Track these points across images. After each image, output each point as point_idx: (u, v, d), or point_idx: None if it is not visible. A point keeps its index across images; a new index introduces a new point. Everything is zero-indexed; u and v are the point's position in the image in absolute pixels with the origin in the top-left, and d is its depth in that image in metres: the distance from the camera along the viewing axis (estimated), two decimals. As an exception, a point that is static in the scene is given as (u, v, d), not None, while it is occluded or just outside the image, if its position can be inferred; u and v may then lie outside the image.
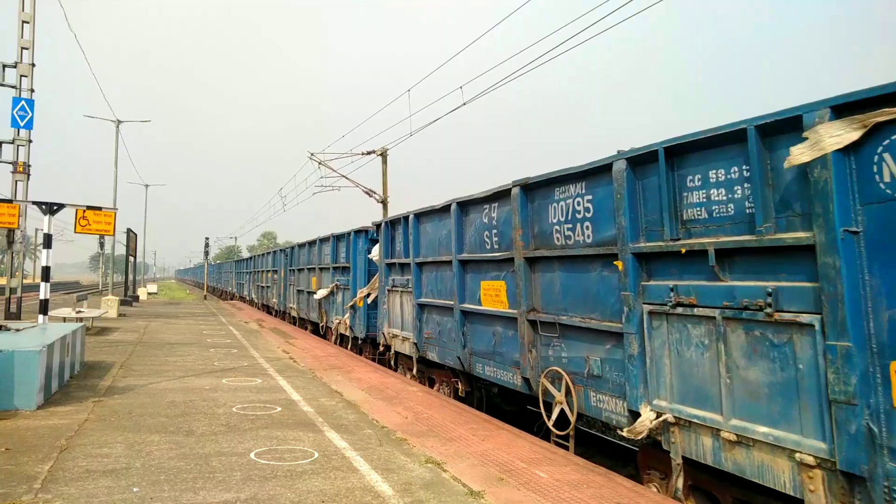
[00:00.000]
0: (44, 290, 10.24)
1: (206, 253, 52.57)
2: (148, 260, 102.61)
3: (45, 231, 10.43)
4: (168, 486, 4.99)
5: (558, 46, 9.92)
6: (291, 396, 9.03)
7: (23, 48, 16.67)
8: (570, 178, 6.74)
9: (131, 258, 38.19)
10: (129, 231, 36.73)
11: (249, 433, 6.81)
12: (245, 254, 78.71)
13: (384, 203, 22.13)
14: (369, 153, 22.32)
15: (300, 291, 21.76)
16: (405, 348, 11.50)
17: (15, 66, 16.63)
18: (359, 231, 14.98)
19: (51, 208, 10.34)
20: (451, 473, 5.60)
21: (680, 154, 5.28)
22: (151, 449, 6.05)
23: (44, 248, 10.58)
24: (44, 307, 10.34)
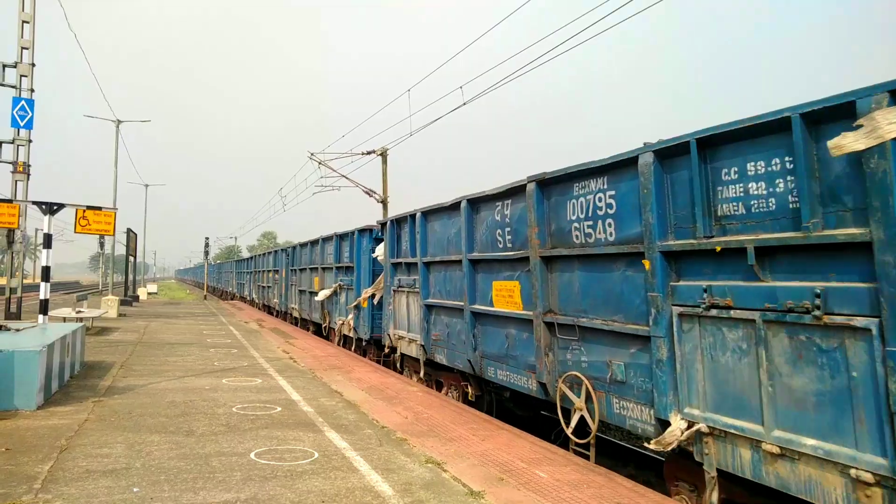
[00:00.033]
0: (44, 290, 10.24)
1: (206, 253, 52.66)
2: (148, 260, 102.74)
3: (45, 231, 10.43)
4: (168, 486, 4.99)
5: (558, 46, 9.91)
6: (291, 396, 9.03)
7: (23, 48, 16.67)
8: (590, 173, 6.37)
9: (131, 258, 38.21)
10: (129, 231, 36.75)
11: (249, 433, 6.82)
12: (245, 254, 78.75)
13: (384, 203, 22.13)
14: (369, 153, 22.33)
15: (302, 292, 21.50)
16: (412, 350, 11.21)
17: (15, 66, 16.63)
18: (363, 230, 14.69)
19: (51, 208, 10.34)
20: (451, 473, 5.60)
21: (713, 146, 4.94)
22: (151, 449, 6.05)
23: (44, 248, 10.58)
24: (44, 307, 10.34)
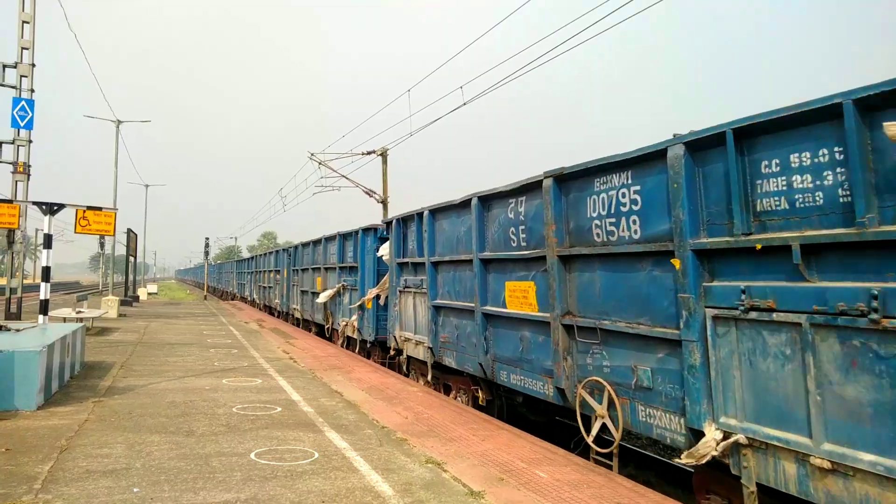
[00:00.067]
0: (44, 291, 10.24)
1: (206, 253, 52.75)
2: (148, 260, 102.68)
3: (46, 231, 10.43)
4: (168, 487, 4.99)
5: (558, 46, 9.92)
6: (291, 397, 9.03)
7: (23, 48, 16.68)
8: (613, 168, 6.03)
9: (131, 258, 38.24)
10: (129, 231, 36.77)
11: (249, 433, 6.82)
12: (245, 254, 78.79)
13: (384, 203, 22.14)
14: (369, 153, 22.34)
15: (304, 292, 21.19)
16: (418, 353, 10.89)
17: (15, 67, 16.64)
18: (367, 229, 14.42)
19: (51, 208, 10.34)
20: (451, 473, 5.60)
21: (752, 136, 4.63)
22: (152, 449, 6.05)
23: (44, 248, 10.58)
24: (44, 307, 10.34)
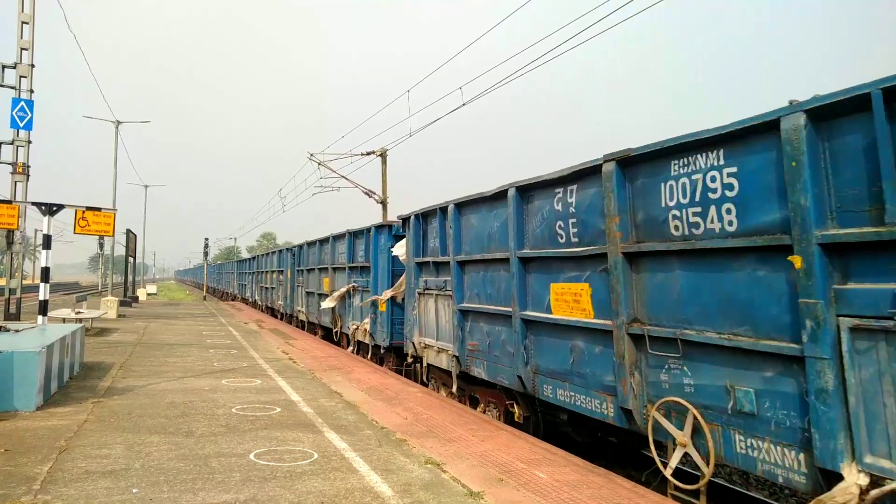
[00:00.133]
0: (43, 291, 10.23)
1: (205, 254, 52.79)
2: (147, 261, 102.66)
3: (45, 232, 10.42)
4: (167, 487, 4.99)
5: (559, 46, 9.94)
6: (291, 397, 9.03)
7: (22, 49, 16.66)
8: (697, 146, 5.17)
9: (130, 259, 38.23)
10: (128, 232, 36.76)
11: (249, 434, 6.81)
12: (245, 254, 78.78)
13: (384, 203, 22.14)
14: (369, 154, 22.34)
15: (310, 293, 20.21)
16: (441, 361, 9.98)
17: (14, 67, 16.63)
18: (380, 226, 13.61)
19: (50, 209, 10.34)
20: (450, 474, 5.60)
21: None
22: (151, 450, 6.05)
23: (43, 248, 10.57)
24: (43, 308, 10.34)
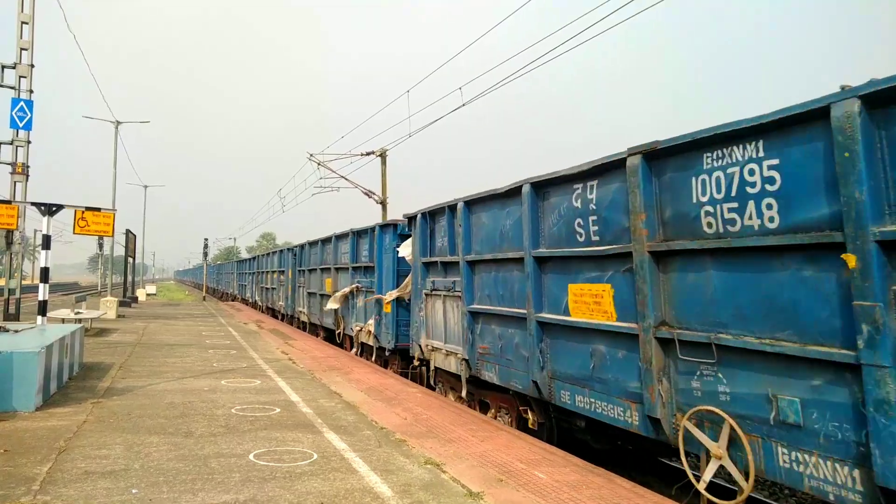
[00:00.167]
0: (42, 292, 10.23)
1: (205, 254, 52.79)
2: (147, 261, 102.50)
3: (44, 232, 10.42)
4: (167, 488, 4.99)
5: (558, 46, 9.96)
6: (290, 398, 9.02)
7: (22, 49, 16.65)
8: (733, 138, 4.91)
9: (130, 259, 38.21)
10: (127, 232, 36.74)
11: (248, 434, 6.81)
12: (244, 255, 78.81)
13: (383, 204, 22.15)
14: (369, 154, 22.35)
15: (311, 294, 19.95)
16: (449, 365, 9.72)
17: (14, 67, 16.62)
18: (385, 225, 13.41)
19: (50, 209, 10.34)
20: (450, 474, 5.59)
21: None
22: (150, 450, 6.05)
23: (42, 249, 10.57)
24: (42, 308, 10.34)
